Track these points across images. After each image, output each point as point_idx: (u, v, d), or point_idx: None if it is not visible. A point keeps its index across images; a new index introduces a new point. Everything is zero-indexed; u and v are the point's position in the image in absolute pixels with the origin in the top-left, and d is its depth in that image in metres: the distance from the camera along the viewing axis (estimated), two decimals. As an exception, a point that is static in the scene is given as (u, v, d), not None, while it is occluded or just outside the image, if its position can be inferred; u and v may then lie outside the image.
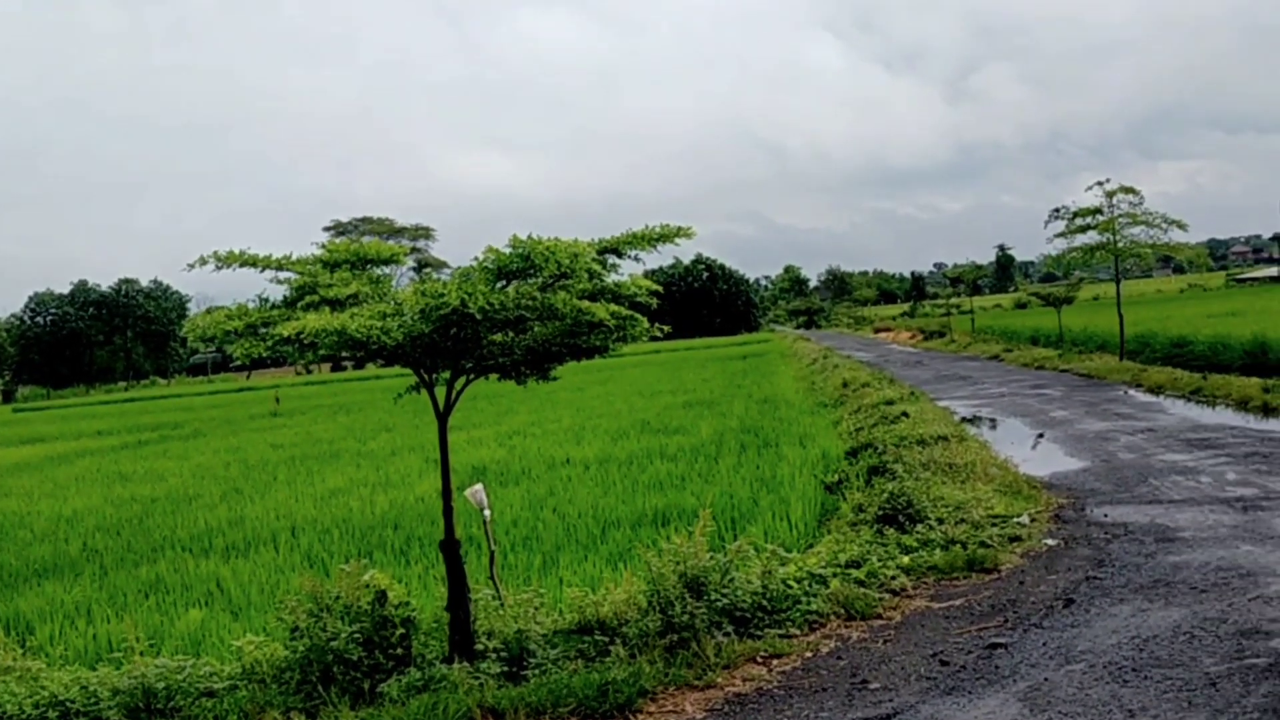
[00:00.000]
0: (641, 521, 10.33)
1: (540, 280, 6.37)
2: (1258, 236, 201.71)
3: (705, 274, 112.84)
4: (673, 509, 10.65)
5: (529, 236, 6.16)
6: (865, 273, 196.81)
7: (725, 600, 6.76)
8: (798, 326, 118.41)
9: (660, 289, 7.18)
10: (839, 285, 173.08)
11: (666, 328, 7.36)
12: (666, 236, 6.75)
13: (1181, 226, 24.20)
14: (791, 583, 7.33)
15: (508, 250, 6.12)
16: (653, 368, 41.22)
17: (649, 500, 11.24)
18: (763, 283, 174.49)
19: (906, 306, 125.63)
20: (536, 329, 6.61)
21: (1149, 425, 14.72)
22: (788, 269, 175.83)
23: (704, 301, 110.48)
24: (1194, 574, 6.99)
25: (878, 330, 76.39)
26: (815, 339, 67.84)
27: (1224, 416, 15.51)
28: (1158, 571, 7.16)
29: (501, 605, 6.91)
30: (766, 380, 28.72)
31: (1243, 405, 16.31)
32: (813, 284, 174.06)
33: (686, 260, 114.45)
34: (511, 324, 6.42)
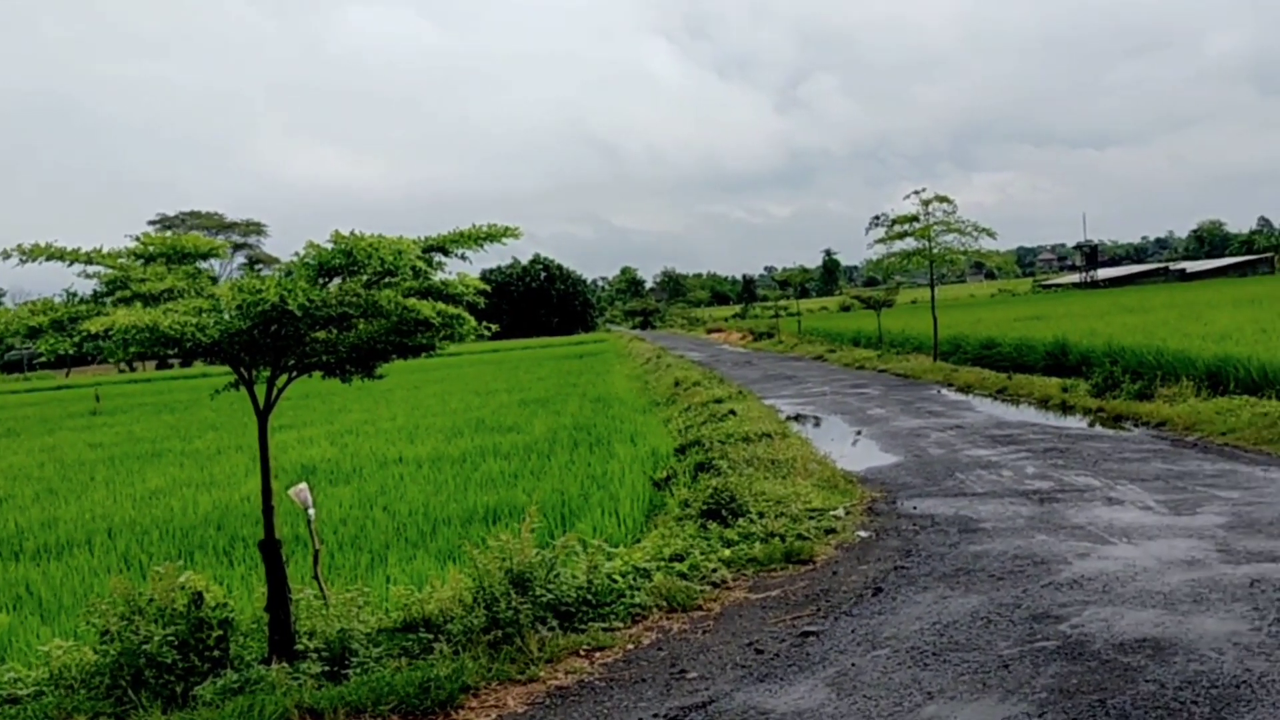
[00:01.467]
0: (472, 519, 10.34)
1: (365, 278, 6.35)
2: (1062, 245, 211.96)
3: (543, 274, 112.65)
4: (504, 506, 10.69)
5: (352, 233, 6.13)
6: (699, 275, 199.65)
7: (550, 595, 6.85)
8: (634, 327, 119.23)
9: (488, 288, 7.22)
10: (674, 287, 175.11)
11: (495, 326, 7.39)
12: (493, 236, 6.80)
13: (991, 235, 25.38)
14: (617, 577, 7.47)
15: (329, 246, 6.08)
16: (489, 366, 41.02)
17: (481, 498, 11.25)
18: (600, 283, 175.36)
19: (738, 308, 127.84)
20: (361, 327, 6.58)
21: (958, 422, 15.42)
22: (624, 270, 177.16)
23: (542, 301, 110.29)
24: (993, 562, 7.40)
25: (710, 331, 77.53)
26: (650, 339, 68.51)
27: (1026, 414, 16.35)
28: (960, 560, 7.55)
29: (326, 605, 6.84)
30: (601, 379, 28.92)
31: (1043, 403, 17.23)
32: (649, 285, 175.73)
33: (525, 260, 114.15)
34: (335, 321, 6.37)
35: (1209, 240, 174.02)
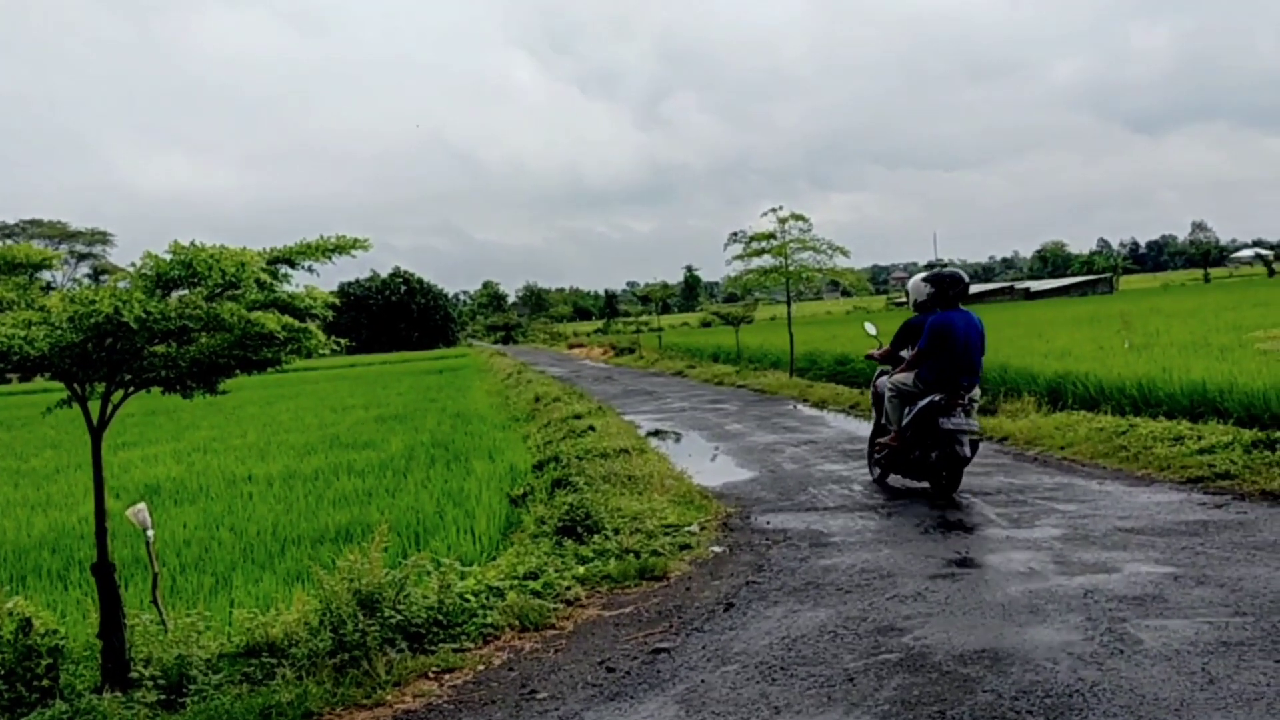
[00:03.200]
0: (324, 538, 10.11)
1: (206, 290, 6.16)
2: (915, 264, 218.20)
3: (403, 287, 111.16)
4: (357, 525, 10.48)
5: (192, 243, 5.95)
6: (562, 289, 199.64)
7: (400, 616, 6.72)
8: (496, 341, 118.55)
9: (337, 301, 7.08)
10: (536, 301, 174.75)
11: (345, 341, 7.26)
12: (342, 247, 6.67)
13: (845, 253, 25.93)
14: (469, 596, 7.37)
15: (168, 257, 5.88)
16: (347, 381, 40.26)
17: (333, 517, 11.02)
18: (461, 297, 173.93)
19: (601, 323, 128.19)
20: (203, 340, 6.38)
21: (812, 438, 15.69)
22: (486, 284, 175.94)
23: (401, 315, 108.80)
24: (841, 576, 7.53)
25: (572, 346, 77.51)
26: (512, 354, 68.17)
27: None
28: (810, 574, 7.66)
29: (165, 630, 6.61)
30: (461, 395, 28.65)
31: (896, 419, 17.63)
32: (511, 300, 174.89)
33: (385, 273, 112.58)
34: (174, 335, 6.16)
35: (1052, 260, 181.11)
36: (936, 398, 10.39)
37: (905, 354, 11.26)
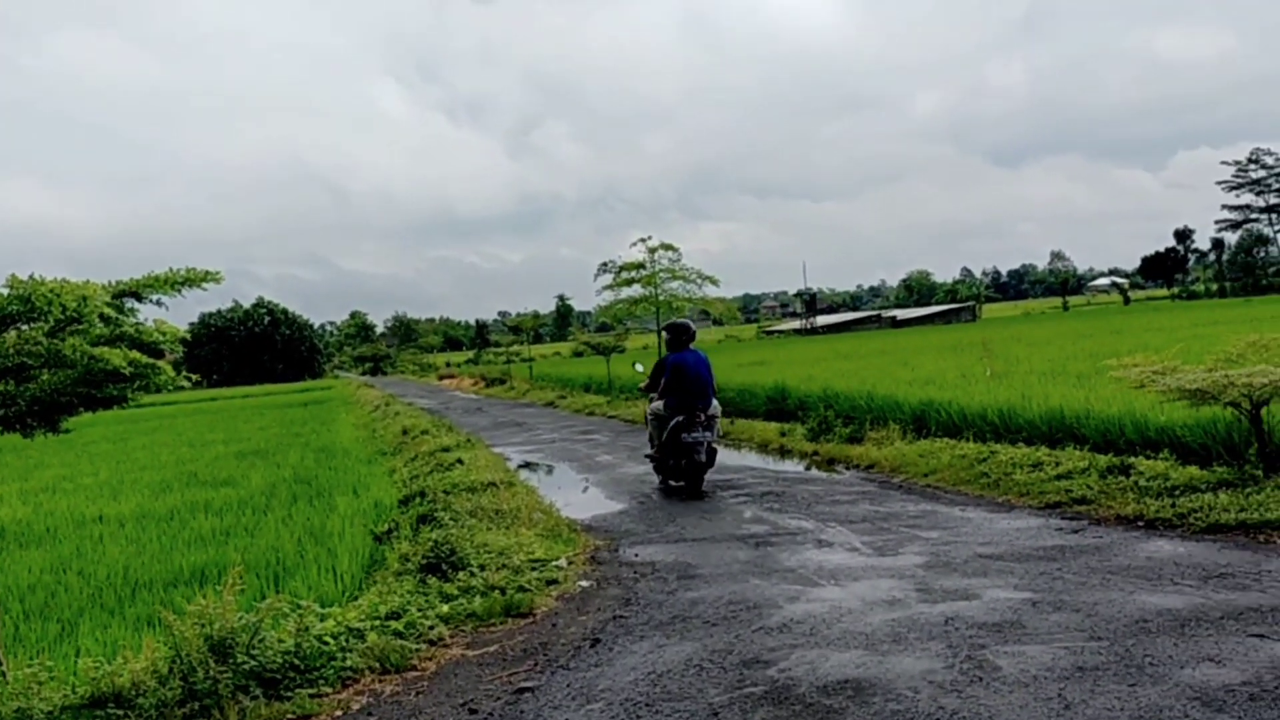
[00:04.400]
0: (178, 581, 9.73)
1: (47, 325, 5.87)
2: (785, 292, 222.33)
3: (267, 318, 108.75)
4: (213, 566, 10.11)
5: (31, 277, 5.67)
6: (432, 319, 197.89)
7: (254, 662, 6.46)
8: (363, 373, 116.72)
9: (187, 335, 6.83)
10: (406, 332, 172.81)
11: (195, 376, 7.01)
12: (192, 280, 6.45)
13: (714, 282, 26.27)
14: (328, 639, 7.13)
15: (4, 292, 5.60)
16: (206, 416, 39.12)
17: (188, 558, 10.62)
18: (328, 328, 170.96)
19: (471, 354, 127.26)
20: (44, 378, 6.09)
21: (683, 468, 15.69)
22: (354, 315, 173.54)
23: (265, 347, 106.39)
24: (708, 609, 7.49)
25: (442, 377, 76.69)
26: (380, 386, 67.14)
27: (747, 458, 16.83)
28: (677, 608, 7.61)
29: (4, 681, 6.25)
30: (326, 428, 28.04)
31: (763, 448, 17.80)
32: (380, 330, 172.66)
33: (248, 303, 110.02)
34: (13, 372, 5.86)
35: (917, 289, 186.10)
36: (680, 419, 13.22)
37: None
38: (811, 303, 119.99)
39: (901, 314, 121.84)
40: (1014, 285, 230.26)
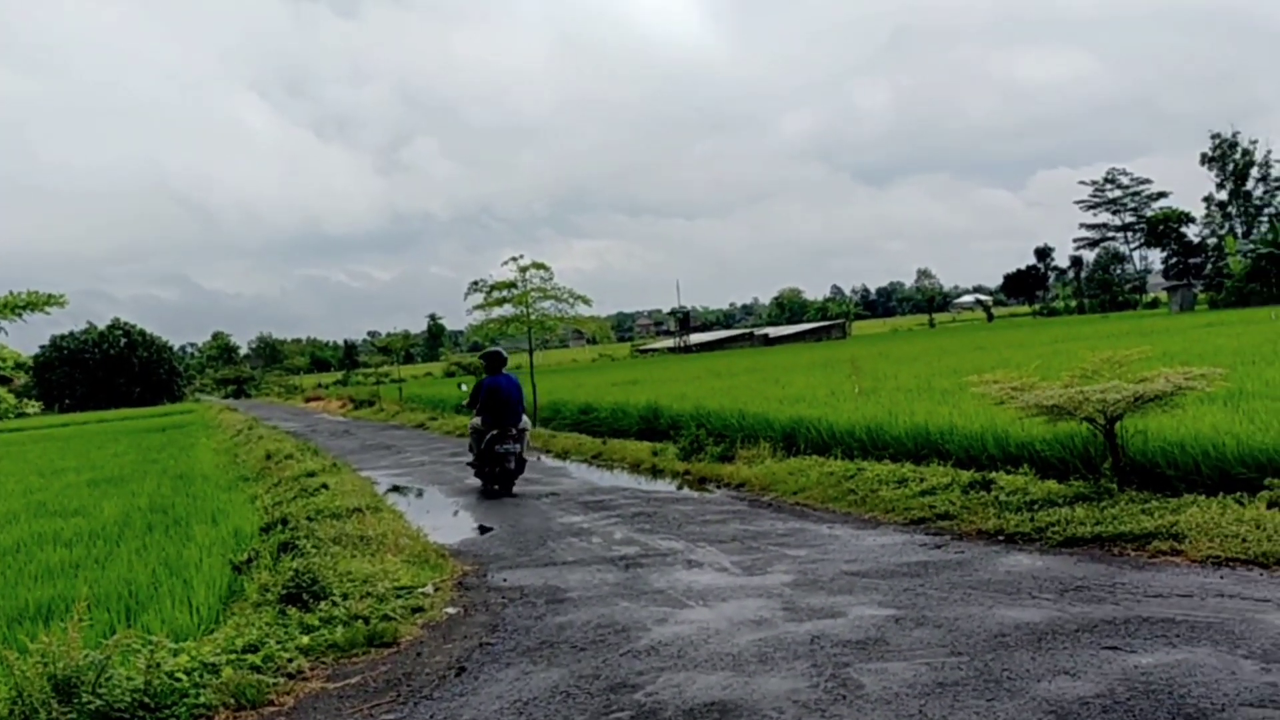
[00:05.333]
0: (22, 617, 9.23)
1: None
2: (659, 310, 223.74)
3: (123, 341, 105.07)
4: (61, 601, 9.61)
5: None
6: (299, 340, 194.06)
7: (100, 701, 6.14)
8: (226, 396, 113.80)
9: (29, 360, 6.50)
10: (271, 353, 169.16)
11: (37, 404, 6.66)
12: (34, 304, 6.19)
13: (587, 301, 26.20)
14: (181, 675, 6.83)
15: None
16: (57, 442, 37.55)
17: (34, 592, 10.08)
18: (189, 350, 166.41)
19: (340, 375, 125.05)
20: None
21: (554, 489, 15.59)
22: (217, 336, 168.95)
23: (121, 370, 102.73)
24: (576, 633, 7.39)
25: (309, 399, 75.07)
26: (244, 409, 65.45)
27: (619, 479, 16.79)
28: (545, 633, 7.49)
29: None
30: (185, 454, 27.13)
31: (636, 468, 17.78)
32: (244, 351, 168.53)
33: (102, 325, 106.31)
34: None
35: (789, 307, 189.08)
36: (494, 432, 15.65)
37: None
38: (685, 321, 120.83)
39: (774, 332, 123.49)
40: (883, 303, 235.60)
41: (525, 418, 16.11)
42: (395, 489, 17.67)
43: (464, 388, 20.36)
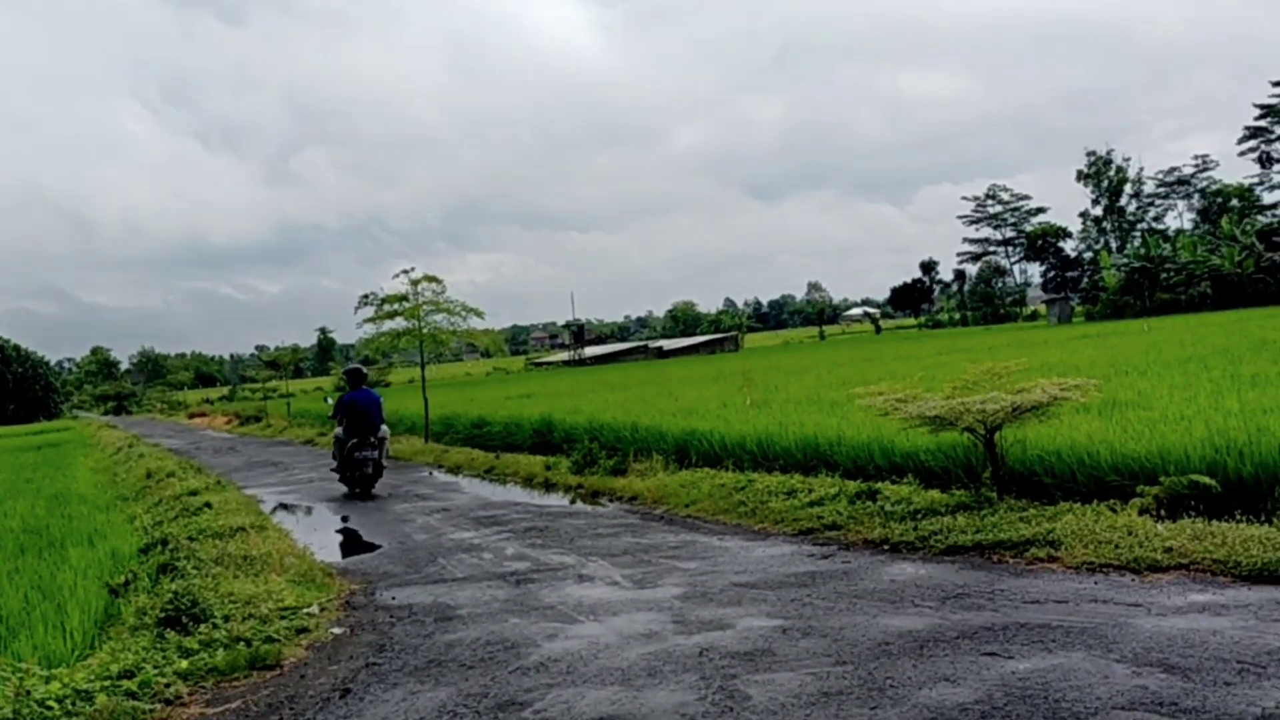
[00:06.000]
0: (-117, 646, 8.83)
1: None
2: (554, 323, 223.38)
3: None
4: (-75, 629, 9.23)
5: None
6: (183, 355, 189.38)
7: (-36, 734, 5.92)
8: (106, 413, 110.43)
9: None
10: (153, 368, 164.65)
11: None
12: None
13: (479, 314, 25.98)
14: (52, 703, 6.59)
15: None
16: (-75, 463, 36.06)
17: (-106, 622, 9.66)
18: (67, 366, 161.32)
19: (226, 390, 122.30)
20: None
21: (445, 505, 15.44)
22: (96, 350, 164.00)
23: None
24: (465, 651, 7.32)
25: (193, 415, 73.23)
26: (124, 426, 63.60)
27: (512, 494, 16.69)
28: (433, 651, 7.40)
29: None
30: (61, 473, 26.24)
31: (529, 482, 17.69)
32: (124, 367, 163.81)
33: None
34: None
35: (683, 319, 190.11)
36: (354, 440, 17.82)
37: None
38: (580, 334, 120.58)
39: (668, 344, 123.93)
40: (774, 315, 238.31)
41: (384, 427, 18.20)
42: (282, 507, 17.33)
43: (329, 401, 22.81)
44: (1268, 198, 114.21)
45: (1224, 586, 7.31)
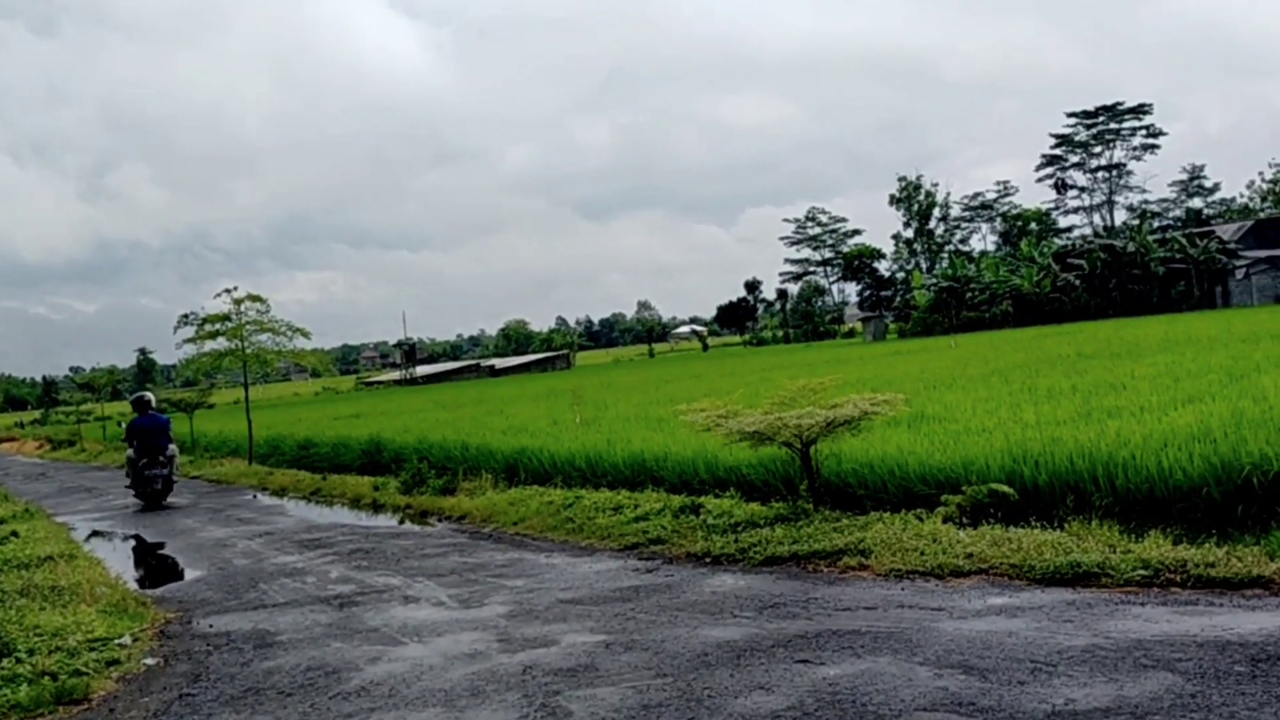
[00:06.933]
0: None
1: None
2: (385, 342, 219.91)
3: None
4: None
5: None
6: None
7: None
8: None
9: None
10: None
11: None
12: None
13: (305, 334, 25.54)
14: None
15: None
16: None
17: None
18: None
19: (38, 414, 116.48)
20: None
21: (269, 529, 15.12)
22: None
23: None
24: (284, 678, 7.20)
25: (1, 440, 69.68)
26: (-75, 452, 60.05)
27: (339, 515, 16.45)
28: (251, 679, 7.27)
29: None
30: None
31: (356, 503, 17.46)
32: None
33: None
34: None
35: (515, 338, 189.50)
36: (144, 460, 19.84)
37: None
38: (411, 353, 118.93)
39: (500, 363, 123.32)
40: (605, 333, 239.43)
41: (173, 446, 20.55)
42: (96, 534, 16.68)
43: (121, 425, 24.87)
44: (1063, 221, 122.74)
45: (1020, 590, 7.74)
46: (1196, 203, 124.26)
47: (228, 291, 25.26)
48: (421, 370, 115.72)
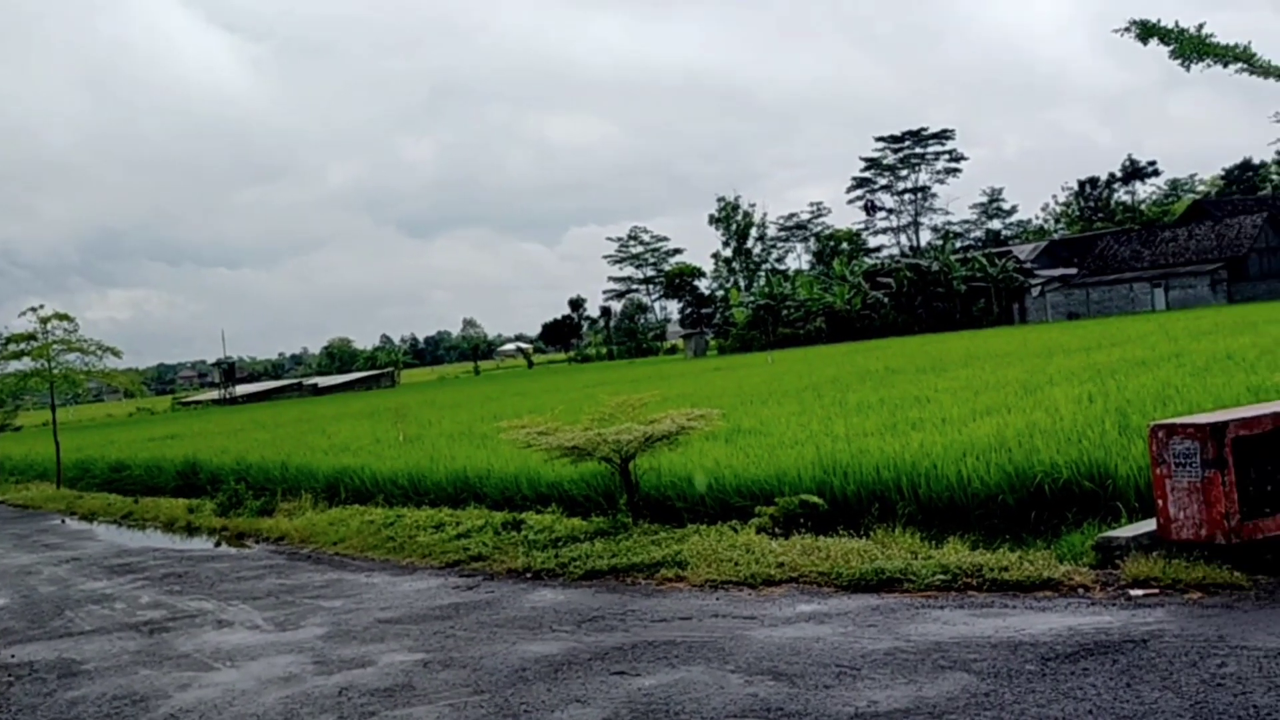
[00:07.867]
0: None
1: None
2: (203, 362, 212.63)
3: None
4: None
5: None
6: None
7: None
8: None
9: None
10: None
11: None
12: None
13: (116, 354, 24.74)
14: None
15: None
16: None
17: None
18: None
19: None
20: None
21: (76, 554, 14.57)
22: None
23: None
24: (89, 708, 7.01)
25: None
26: None
27: (152, 539, 15.95)
28: (54, 710, 7.05)
29: None
30: None
31: (170, 526, 16.95)
32: None
33: None
34: None
35: (339, 356, 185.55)
36: None
37: None
38: (230, 372, 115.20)
39: (323, 381, 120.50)
40: (431, 351, 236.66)
41: None
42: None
43: None
44: (873, 241, 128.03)
45: (828, 596, 8.09)
46: (996, 224, 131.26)
47: (33, 310, 24.31)
48: (241, 389, 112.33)
